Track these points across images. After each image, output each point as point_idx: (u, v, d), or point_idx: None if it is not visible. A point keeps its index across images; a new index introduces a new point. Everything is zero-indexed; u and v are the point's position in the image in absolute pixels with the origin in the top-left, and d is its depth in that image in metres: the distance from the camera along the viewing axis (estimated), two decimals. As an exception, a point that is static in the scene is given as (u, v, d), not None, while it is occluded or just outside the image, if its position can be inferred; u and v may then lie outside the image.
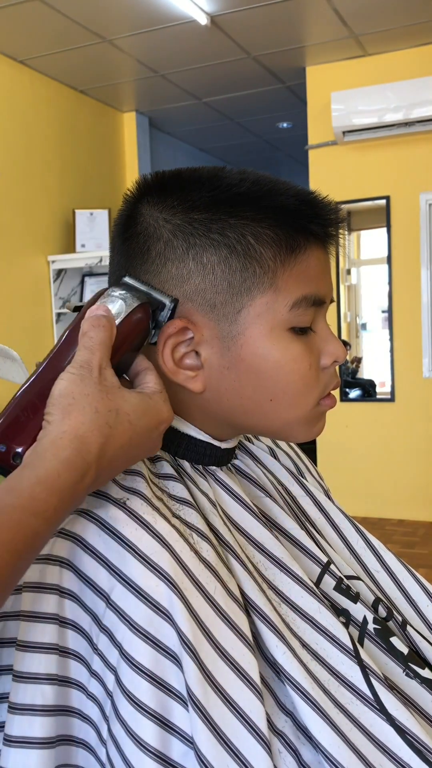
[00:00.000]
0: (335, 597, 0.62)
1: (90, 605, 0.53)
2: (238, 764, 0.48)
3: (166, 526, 0.54)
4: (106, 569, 0.53)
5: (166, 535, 0.54)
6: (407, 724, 0.54)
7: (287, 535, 0.65)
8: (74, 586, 0.53)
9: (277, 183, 0.59)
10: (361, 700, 0.55)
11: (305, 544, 0.64)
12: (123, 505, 0.55)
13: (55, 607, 0.52)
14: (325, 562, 0.64)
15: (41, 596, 0.53)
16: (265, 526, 0.62)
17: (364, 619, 0.61)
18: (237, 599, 0.55)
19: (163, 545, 0.53)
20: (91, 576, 0.53)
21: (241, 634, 0.53)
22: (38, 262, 4.22)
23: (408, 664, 0.60)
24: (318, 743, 0.51)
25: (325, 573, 0.63)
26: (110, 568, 0.53)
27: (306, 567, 0.63)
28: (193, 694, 0.49)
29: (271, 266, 0.57)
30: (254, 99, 4.80)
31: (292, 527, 0.65)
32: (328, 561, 0.64)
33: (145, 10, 3.47)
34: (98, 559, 0.53)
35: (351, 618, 0.61)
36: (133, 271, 0.60)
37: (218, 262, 0.57)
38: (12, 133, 4.01)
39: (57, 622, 0.52)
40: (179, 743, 0.49)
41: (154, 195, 0.60)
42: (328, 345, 0.61)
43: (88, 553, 0.53)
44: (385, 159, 4.25)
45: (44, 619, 0.52)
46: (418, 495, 4.37)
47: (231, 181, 0.59)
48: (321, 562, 0.64)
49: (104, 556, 0.53)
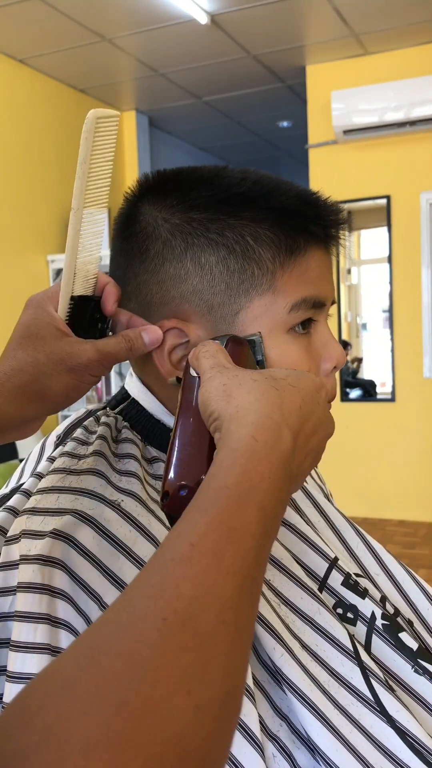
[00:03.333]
0: (343, 592, 0.62)
1: (83, 607, 0.52)
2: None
3: (160, 528, 0.54)
4: (99, 571, 0.52)
5: (161, 537, 0.53)
6: (408, 726, 0.54)
7: (294, 529, 0.64)
8: (67, 587, 0.53)
9: (279, 183, 0.59)
10: (362, 702, 0.55)
11: (312, 539, 0.64)
12: (117, 506, 0.55)
13: (46, 607, 0.52)
14: (332, 557, 0.63)
15: (33, 596, 0.52)
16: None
17: (372, 615, 0.61)
18: None
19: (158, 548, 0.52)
20: (84, 578, 0.53)
21: None
22: (37, 261, 4.22)
23: (417, 660, 0.59)
24: (316, 746, 0.51)
25: (333, 568, 0.63)
26: (103, 570, 0.52)
27: (313, 562, 0.63)
28: None
29: (270, 267, 0.57)
30: (254, 98, 4.80)
31: (299, 522, 0.65)
32: (336, 556, 0.64)
33: (145, 9, 3.46)
34: (91, 561, 0.53)
35: (359, 614, 0.61)
36: (132, 270, 0.60)
37: (216, 263, 0.57)
38: (11, 132, 4.01)
39: (49, 622, 0.52)
40: None
41: (154, 194, 0.60)
42: (328, 349, 0.60)
43: (82, 554, 0.53)
44: (386, 158, 4.25)
45: (36, 619, 0.52)
46: (418, 495, 4.37)
47: (231, 180, 0.58)
48: (329, 557, 0.63)
49: (97, 558, 0.53)
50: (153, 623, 0.32)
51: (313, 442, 0.47)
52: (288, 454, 0.43)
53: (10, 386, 0.53)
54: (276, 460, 0.42)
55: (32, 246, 4.17)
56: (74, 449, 0.62)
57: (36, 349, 0.54)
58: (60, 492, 0.58)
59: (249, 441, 0.42)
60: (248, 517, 0.38)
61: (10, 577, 0.53)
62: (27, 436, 0.59)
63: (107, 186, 0.55)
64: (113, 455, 0.61)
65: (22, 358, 0.54)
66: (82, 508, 0.55)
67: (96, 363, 0.56)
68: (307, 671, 0.54)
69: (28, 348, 0.54)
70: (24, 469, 0.68)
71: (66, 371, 0.54)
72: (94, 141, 0.52)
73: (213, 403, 0.46)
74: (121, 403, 0.66)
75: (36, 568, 0.53)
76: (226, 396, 0.46)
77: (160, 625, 0.32)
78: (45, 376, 0.54)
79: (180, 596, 0.33)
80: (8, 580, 0.54)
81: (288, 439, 0.44)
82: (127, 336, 0.57)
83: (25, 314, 0.57)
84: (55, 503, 0.57)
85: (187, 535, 0.37)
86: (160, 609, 0.32)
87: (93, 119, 0.51)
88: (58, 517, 0.56)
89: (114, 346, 0.57)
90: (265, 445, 0.42)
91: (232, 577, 0.35)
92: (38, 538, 0.54)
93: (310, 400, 0.48)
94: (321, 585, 0.62)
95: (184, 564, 0.35)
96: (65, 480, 0.59)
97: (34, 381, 0.53)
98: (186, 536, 0.36)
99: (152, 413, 0.63)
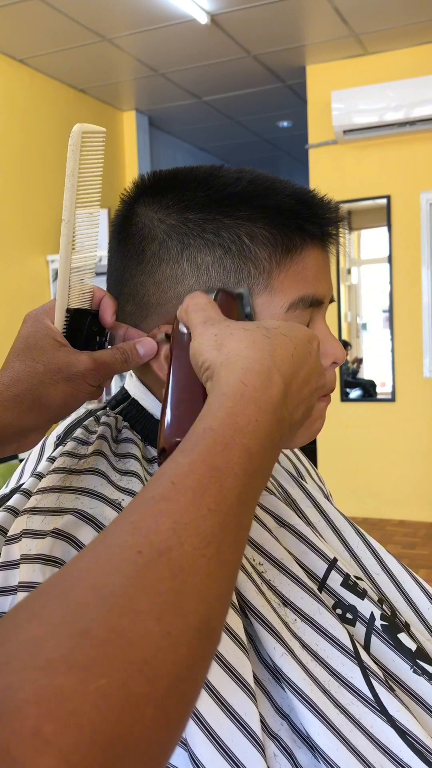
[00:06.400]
0: (342, 593, 0.62)
1: None
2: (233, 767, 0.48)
3: None
4: None
5: None
6: (408, 725, 0.54)
7: (294, 530, 0.64)
8: None
9: (275, 182, 0.59)
10: (362, 701, 0.55)
11: (312, 539, 0.64)
12: (118, 505, 0.55)
13: None
14: (332, 558, 0.63)
15: None
16: (264, 527, 0.62)
17: (371, 616, 0.61)
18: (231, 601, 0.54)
19: None
20: None
21: (235, 636, 0.52)
22: (37, 261, 4.22)
23: (416, 661, 0.59)
24: (316, 745, 0.51)
25: (332, 569, 0.63)
26: None
27: (313, 563, 0.63)
28: None
29: (266, 267, 0.57)
30: (254, 98, 4.80)
31: (298, 523, 0.65)
32: (335, 557, 0.64)
33: (145, 8, 3.46)
34: None
35: (358, 614, 0.61)
36: (129, 271, 0.60)
37: (213, 263, 0.57)
38: (11, 132, 4.01)
39: None
40: None
41: (149, 195, 0.60)
42: (326, 345, 0.60)
43: None
44: (386, 158, 4.25)
45: None
46: (418, 495, 4.37)
47: (227, 180, 0.58)
48: (328, 558, 0.63)
49: None
50: (128, 556, 0.32)
51: (306, 392, 0.47)
52: (278, 399, 0.43)
53: (9, 395, 0.53)
54: (264, 405, 0.42)
55: (32, 246, 4.17)
56: (74, 449, 0.62)
57: (34, 359, 0.55)
58: (60, 491, 0.58)
59: (237, 385, 0.42)
60: (232, 458, 0.38)
61: (11, 576, 0.53)
62: (27, 449, 0.59)
63: (98, 200, 0.57)
64: (114, 455, 0.61)
65: (20, 368, 0.55)
66: (83, 508, 0.55)
67: (92, 372, 0.57)
68: (307, 671, 0.54)
69: (26, 359, 0.55)
70: (24, 469, 0.68)
71: (63, 380, 0.55)
72: (81, 154, 0.54)
73: (204, 353, 0.46)
74: (121, 403, 0.67)
75: (37, 568, 0.53)
76: (217, 345, 0.46)
77: (135, 557, 0.32)
78: (43, 384, 0.55)
79: (157, 531, 0.33)
80: (9, 579, 0.54)
81: (279, 385, 0.44)
82: (122, 348, 0.59)
83: (23, 328, 0.58)
84: (56, 503, 0.57)
85: (169, 475, 0.37)
86: (136, 543, 0.32)
87: (78, 133, 0.53)
88: (59, 516, 0.56)
89: (110, 357, 0.58)
90: (253, 388, 0.42)
91: (212, 514, 0.35)
92: (39, 538, 0.54)
93: (302, 349, 0.48)
94: (320, 586, 0.62)
95: (164, 500, 0.35)
96: (66, 479, 0.59)
97: (32, 389, 0.54)
98: (168, 476, 0.37)
99: (152, 413, 0.63)
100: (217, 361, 0.45)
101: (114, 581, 0.30)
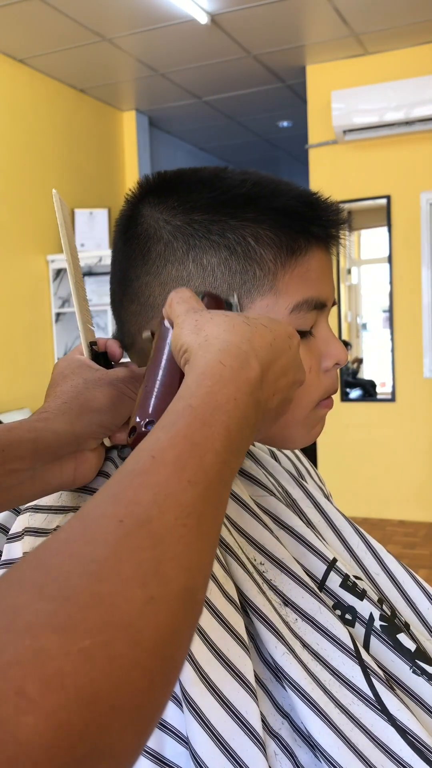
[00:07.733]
0: (341, 594, 0.62)
1: None
2: (234, 766, 0.48)
3: None
4: None
5: None
6: (409, 725, 0.54)
7: (293, 532, 0.64)
8: None
9: (280, 184, 0.59)
10: (363, 701, 0.55)
11: (311, 541, 0.64)
12: None
13: None
14: (330, 559, 0.64)
15: None
16: (265, 527, 0.62)
17: (371, 616, 0.61)
18: (233, 600, 0.54)
19: None
20: None
21: (236, 635, 0.53)
22: (37, 261, 4.22)
23: (415, 661, 0.60)
24: (317, 744, 0.51)
25: (331, 570, 0.63)
26: None
27: (312, 564, 0.63)
28: (188, 695, 0.48)
29: (271, 268, 0.57)
30: (254, 98, 4.80)
31: (298, 524, 0.65)
32: (334, 558, 0.64)
33: (145, 8, 3.46)
34: None
35: (357, 615, 0.61)
36: (134, 271, 0.60)
37: (218, 264, 0.57)
38: (11, 132, 4.01)
39: None
40: (173, 742, 0.49)
41: (155, 195, 0.60)
42: (329, 347, 0.61)
43: None
44: (386, 158, 4.25)
45: None
46: (419, 495, 4.37)
47: (232, 182, 0.58)
48: (327, 559, 0.63)
49: None
50: (108, 526, 0.32)
51: (282, 383, 0.48)
52: (255, 382, 0.43)
53: (57, 404, 0.56)
54: (242, 386, 0.42)
55: (32, 246, 4.17)
56: None
57: (74, 379, 0.59)
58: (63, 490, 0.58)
59: (216, 365, 0.42)
60: (212, 434, 0.38)
61: None
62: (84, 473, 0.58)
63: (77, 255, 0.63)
64: (121, 459, 0.62)
65: (63, 386, 0.58)
66: None
67: (130, 378, 0.59)
68: (308, 670, 0.54)
69: (66, 381, 0.58)
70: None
71: (106, 384, 0.58)
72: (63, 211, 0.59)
73: (183, 336, 0.47)
74: None
75: None
76: (196, 330, 0.46)
77: (115, 527, 0.32)
78: (87, 390, 0.57)
79: (138, 502, 0.33)
80: None
81: (256, 368, 0.44)
82: None
83: (57, 368, 0.61)
84: (58, 501, 0.57)
85: (149, 450, 0.37)
86: (117, 513, 0.32)
87: (56, 194, 0.59)
88: (62, 514, 0.56)
89: (139, 370, 0.60)
90: (231, 369, 0.42)
91: (193, 487, 0.35)
92: (42, 536, 0.54)
93: (281, 341, 0.48)
94: (319, 587, 0.62)
95: (144, 474, 0.35)
96: None
97: (78, 396, 0.57)
98: (147, 451, 0.37)
99: None
100: (195, 344, 0.45)
101: (95, 549, 0.31)
